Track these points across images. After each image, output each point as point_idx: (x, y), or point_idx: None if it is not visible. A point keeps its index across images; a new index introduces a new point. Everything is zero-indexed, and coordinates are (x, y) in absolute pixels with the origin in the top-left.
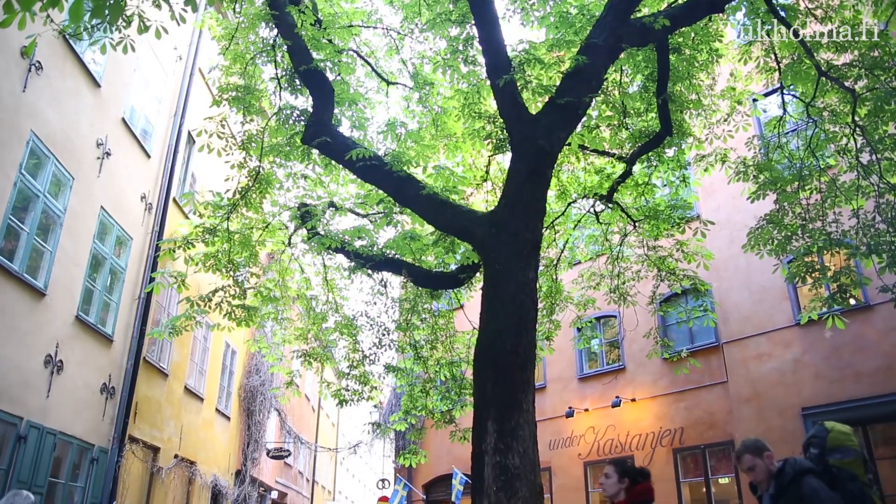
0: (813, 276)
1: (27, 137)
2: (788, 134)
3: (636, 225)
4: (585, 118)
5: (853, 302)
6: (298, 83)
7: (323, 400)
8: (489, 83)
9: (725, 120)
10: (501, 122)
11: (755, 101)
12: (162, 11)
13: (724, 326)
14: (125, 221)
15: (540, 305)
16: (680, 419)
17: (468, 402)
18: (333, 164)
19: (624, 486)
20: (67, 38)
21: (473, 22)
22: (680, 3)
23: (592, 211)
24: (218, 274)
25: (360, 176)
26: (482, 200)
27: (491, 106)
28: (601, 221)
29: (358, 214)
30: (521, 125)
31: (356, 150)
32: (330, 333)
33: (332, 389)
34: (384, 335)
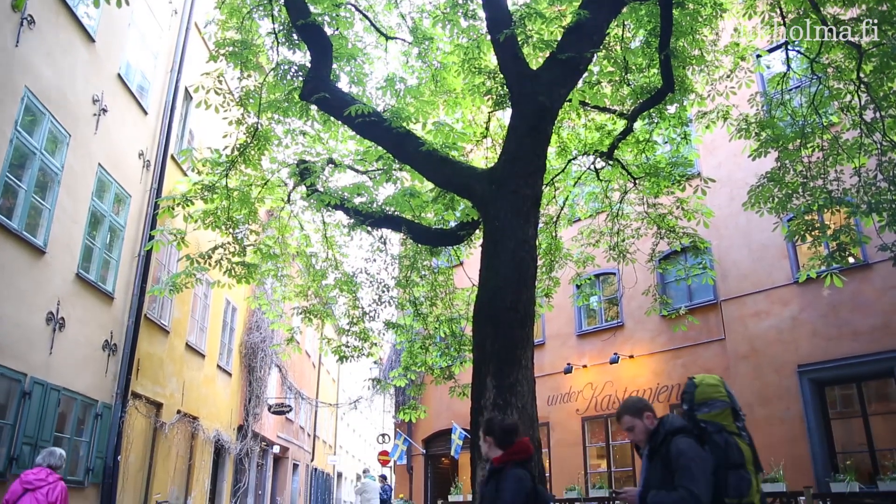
0: (812, 234)
1: (21, 93)
2: (792, 91)
3: (636, 182)
4: (586, 74)
5: (852, 260)
6: (296, 38)
7: (323, 356)
8: (489, 38)
9: (728, 76)
10: (502, 77)
11: (759, 57)
12: None
13: (722, 284)
14: (123, 179)
15: (539, 262)
16: (677, 376)
17: (467, 358)
18: (332, 120)
19: (488, 444)
20: None
21: None
22: None
23: (593, 168)
24: (217, 231)
25: (359, 132)
26: (482, 157)
27: (491, 61)
28: (601, 178)
29: (357, 171)
30: (521, 81)
31: (355, 105)
32: (330, 290)
33: (332, 346)
34: (384, 292)
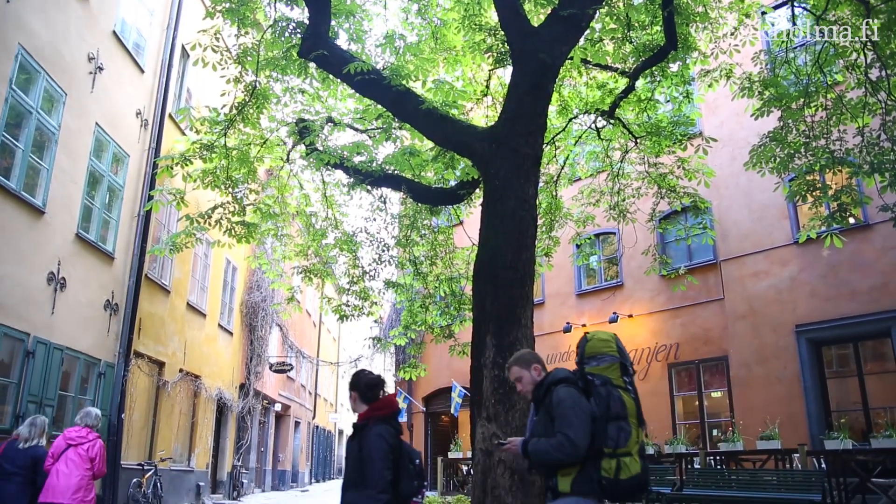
0: (814, 194)
1: (15, 51)
2: (796, 49)
3: (637, 141)
4: (588, 31)
5: (852, 221)
6: None
7: (324, 315)
8: None
9: (732, 34)
10: (502, 34)
11: (764, 14)
12: None
13: (722, 244)
14: (121, 138)
15: (539, 222)
16: (676, 335)
17: (467, 317)
18: (331, 78)
19: (353, 399)
20: None
21: None
22: None
23: (594, 127)
24: (217, 191)
25: (358, 90)
26: (482, 115)
27: (492, 18)
28: (602, 137)
29: (356, 130)
30: (522, 38)
31: (354, 63)
32: (330, 249)
33: (332, 305)
34: (384, 251)
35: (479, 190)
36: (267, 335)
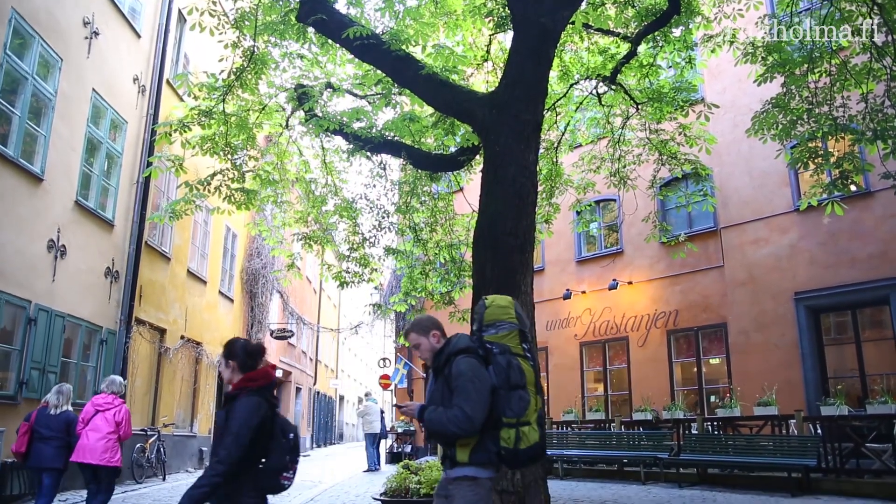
0: (815, 161)
1: (9, 15)
2: (801, 13)
3: (639, 107)
4: None
5: (854, 188)
6: None
7: (324, 282)
8: None
9: None
10: None
11: None
12: None
13: (723, 211)
14: (119, 104)
15: (540, 188)
16: (675, 302)
17: (467, 283)
18: (330, 43)
19: (231, 369)
20: None
21: None
22: None
23: (595, 93)
24: (215, 157)
25: (357, 55)
26: (483, 81)
27: None
28: (603, 104)
29: (356, 95)
30: (523, 2)
31: (353, 28)
32: (330, 216)
33: (332, 272)
34: (384, 218)
35: (479, 156)
36: (267, 302)
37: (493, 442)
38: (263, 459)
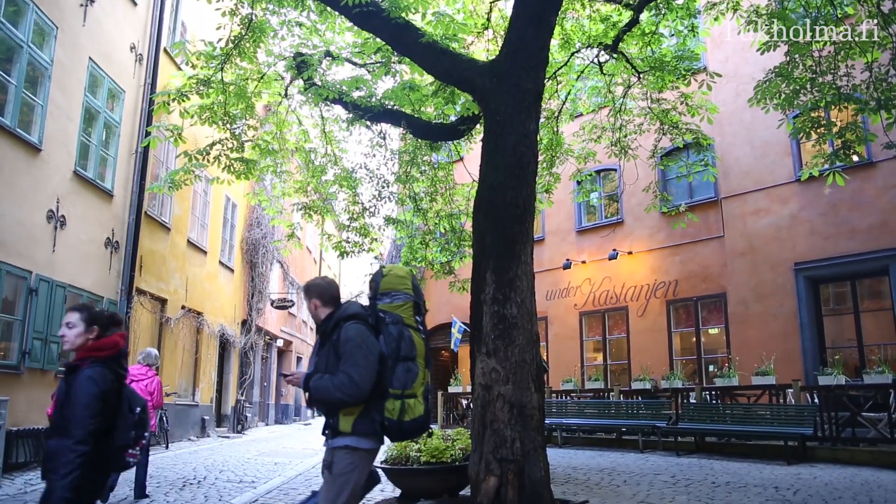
0: (818, 131)
1: None
2: None
3: (641, 76)
4: None
5: (856, 159)
6: None
7: (324, 252)
8: None
9: None
10: None
11: None
12: None
13: (723, 181)
14: (116, 73)
15: (540, 158)
16: (675, 272)
17: (467, 253)
18: (329, 10)
19: (93, 334)
20: None
21: None
22: None
23: (596, 61)
24: (214, 127)
25: (356, 23)
26: (483, 49)
27: None
28: (605, 72)
29: (355, 64)
30: None
31: None
32: (329, 186)
33: (332, 241)
34: (384, 187)
35: (479, 125)
36: (268, 272)
37: (377, 412)
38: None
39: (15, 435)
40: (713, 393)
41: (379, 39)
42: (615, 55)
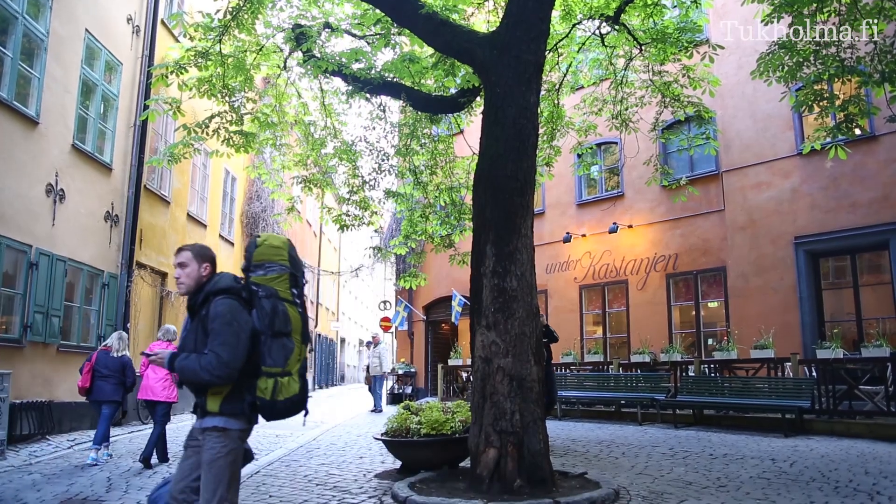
0: (821, 104)
1: None
2: None
3: (642, 48)
4: None
5: (858, 132)
6: None
7: (324, 225)
8: None
9: None
10: None
11: None
12: None
13: (725, 155)
14: (113, 45)
15: (541, 131)
16: (675, 245)
17: (467, 226)
18: None
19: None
20: None
21: None
22: None
23: (598, 33)
24: (213, 99)
25: None
26: (483, 21)
27: None
28: (606, 44)
29: (355, 36)
30: None
31: None
32: (329, 159)
33: (332, 215)
34: (384, 161)
35: (479, 98)
36: None
37: (249, 391)
38: None
39: (18, 407)
40: (712, 366)
41: (378, 10)
42: (617, 27)
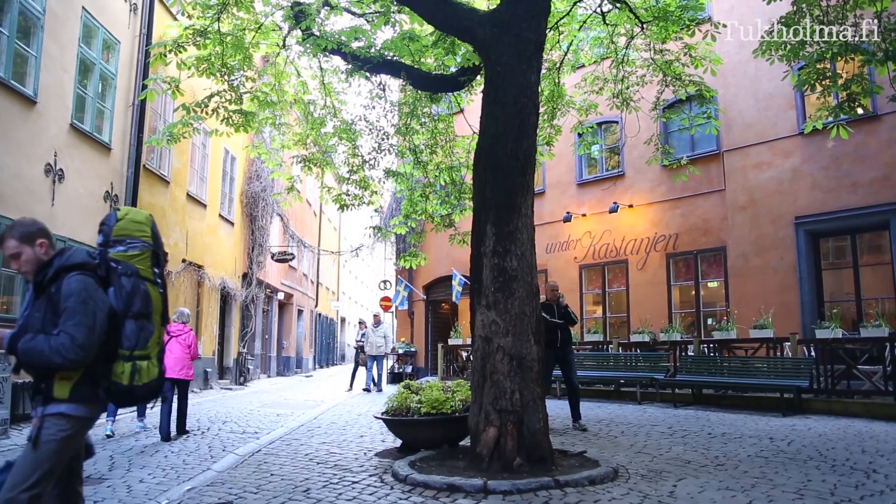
0: (823, 83)
1: None
2: None
3: (644, 27)
4: None
5: (860, 111)
6: None
7: (324, 205)
8: None
9: None
10: None
11: None
12: None
13: (726, 134)
14: (110, 24)
15: (541, 110)
16: (675, 225)
17: (468, 206)
18: None
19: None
20: None
21: None
22: None
23: (599, 11)
24: (212, 78)
25: None
26: None
27: None
28: (608, 23)
29: (354, 14)
30: None
31: None
32: (329, 138)
33: (332, 194)
34: (383, 140)
35: (480, 77)
36: (268, 225)
37: (103, 376)
38: None
39: (20, 387)
40: (711, 346)
41: None
42: (618, 4)
